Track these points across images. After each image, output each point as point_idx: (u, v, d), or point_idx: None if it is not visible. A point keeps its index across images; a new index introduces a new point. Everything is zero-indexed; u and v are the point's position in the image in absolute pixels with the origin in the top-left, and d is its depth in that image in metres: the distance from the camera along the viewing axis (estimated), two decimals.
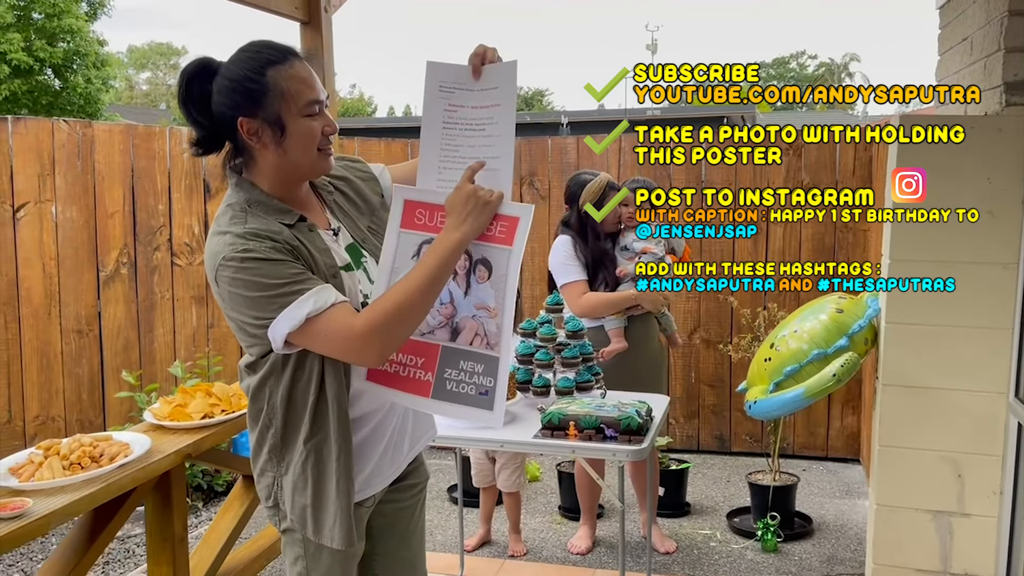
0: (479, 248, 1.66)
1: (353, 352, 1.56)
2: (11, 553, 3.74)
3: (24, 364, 4.23)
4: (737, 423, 4.99)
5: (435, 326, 1.68)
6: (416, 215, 1.67)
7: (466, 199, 1.60)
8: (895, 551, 3.10)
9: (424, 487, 1.98)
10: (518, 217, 1.64)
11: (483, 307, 1.67)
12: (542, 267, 5.15)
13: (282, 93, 1.57)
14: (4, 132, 4.12)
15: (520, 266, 1.65)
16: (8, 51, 14.51)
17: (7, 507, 2.00)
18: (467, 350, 1.66)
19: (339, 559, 1.74)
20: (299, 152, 1.61)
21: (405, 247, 1.67)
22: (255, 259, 1.53)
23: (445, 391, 1.66)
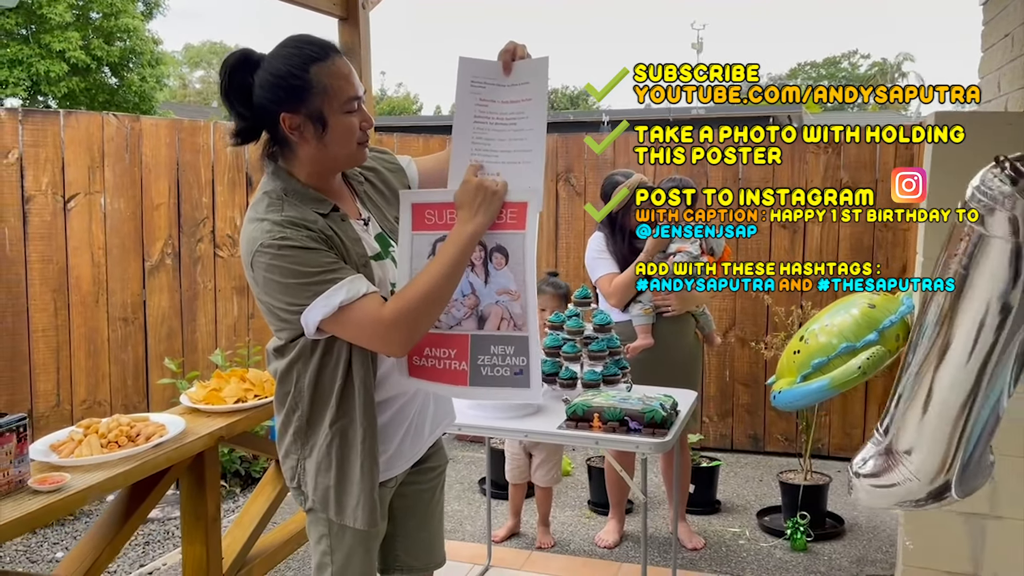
0: (492, 237, 1.70)
1: (380, 340, 1.63)
2: (55, 531, 3.89)
3: (72, 350, 4.38)
4: (771, 422, 4.96)
5: (461, 318, 1.73)
6: (426, 216, 1.73)
7: (475, 192, 1.65)
8: (926, 553, 3.06)
9: (443, 470, 2.03)
10: (526, 202, 1.69)
11: (505, 291, 1.72)
12: (577, 263, 5.18)
13: (325, 90, 1.62)
14: (56, 125, 4.27)
15: (536, 247, 1.70)
16: (67, 49, 14.93)
17: (47, 481, 2.09)
18: (496, 335, 1.72)
19: (361, 538, 1.79)
20: (339, 146, 1.68)
21: (420, 248, 1.73)
22: (292, 247, 1.58)
23: (481, 376, 1.72)
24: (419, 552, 2.00)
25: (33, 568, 3.56)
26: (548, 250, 5.27)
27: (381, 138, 5.28)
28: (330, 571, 1.80)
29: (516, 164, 1.71)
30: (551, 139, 5.24)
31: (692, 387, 3.48)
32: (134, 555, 3.69)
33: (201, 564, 2.72)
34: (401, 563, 2.00)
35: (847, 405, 4.84)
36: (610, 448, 3.11)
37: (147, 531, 3.92)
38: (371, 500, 1.72)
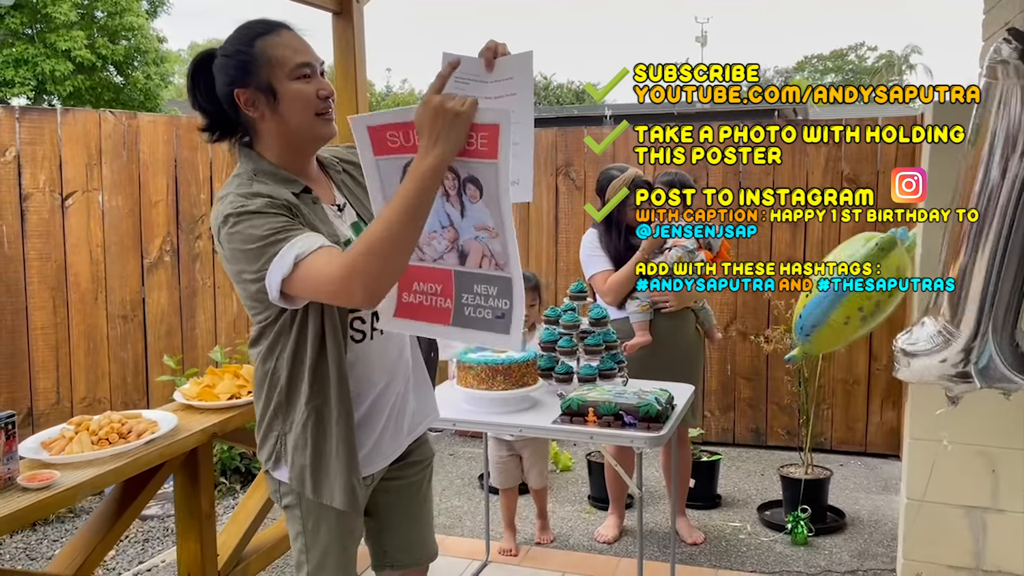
0: (465, 165, 1.56)
1: (340, 293, 1.52)
2: (55, 528, 3.89)
3: (72, 347, 4.39)
4: (773, 416, 4.93)
5: (443, 251, 1.65)
6: (388, 138, 1.60)
7: (434, 115, 1.47)
8: (927, 547, 3.04)
9: (428, 464, 2.01)
10: (498, 124, 1.52)
11: (483, 228, 1.61)
12: (578, 257, 5.17)
13: (269, 60, 1.62)
14: (53, 123, 4.27)
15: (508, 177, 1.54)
16: (72, 48, 14.96)
17: (36, 478, 2.08)
18: (478, 272, 1.64)
19: (337, 536, 1.78)
20: (295, 116, 1.64)
21: (389, 175, 1.61)
22: (249, 212, 1.56)
23: (464, 316, 1.65)
24: (409, 547, 1.99)
25: (33, 565, 3.56)
26: (548, 244, 5.25)
27: None
28: (306, 570, 1.80)
29: None
30: (551, 133, 5.22)
31: (693, 383, 3.45)
32: (133, 552, 3.69)
33: (196, 561, 2.71)
34: (392, 559, 1.99)
35: (849, 399, 4.81)
36: (606, 443, 3.09)
37: (146, 528, 3.92)
38: (349, 479, 1.70)
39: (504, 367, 2.71)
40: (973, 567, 3.00)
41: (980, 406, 2.89)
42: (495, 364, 2.71)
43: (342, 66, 3.47)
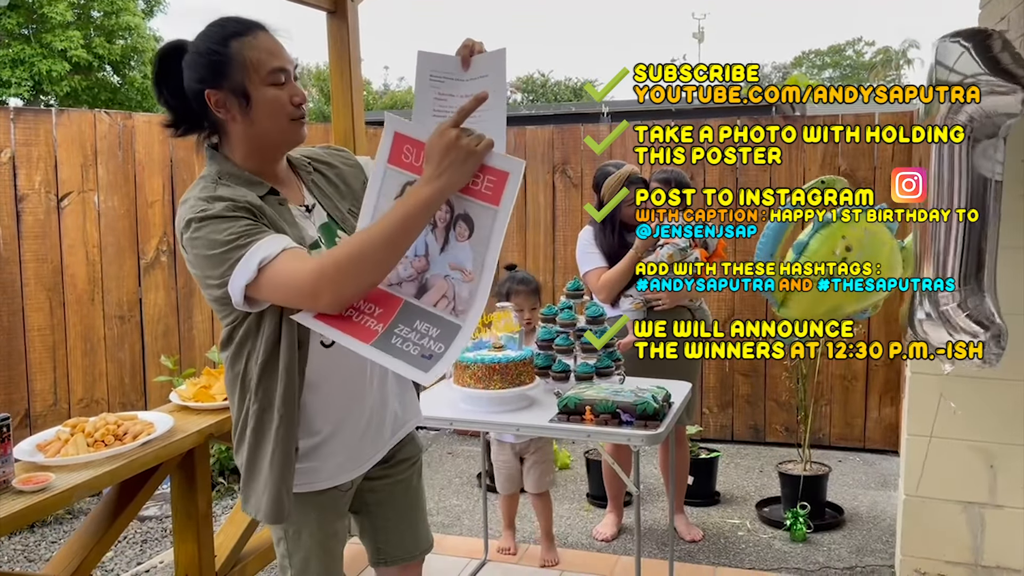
0: (462, 201, 1.55)
1: (304, 298, 1.49)
2: (53, 530, 3.89)
3: (69, 348, 4.38)
4: (771, 413, 4.93)
5: (404, 278, 1.60)
6: (404, 151, 1.59)
7: (447, 148, 1.47)
8: (925, 542, 3.04)
9: (416, 461, 1.99)
10: (507, 172, 1.52)
11: (458, 268, 1.57)
12: (574, 255, 5.16)
13: (244, 63, 1.58)
14: (48, 124, 4.25)
15: (505, 229, 1.53)
16: (68, 48, 14.93)
17: (31, 481, 2.08)
18: (429, 311, 1.57)
19: (318, 540, 1.77)
20: (267, 122, 1.61)
21: (390, 185, 1.59)
22: (211, 216, 1.52)
23: (388, 344, 1.53)
24: (403, 542, 1.98)
25: (31, 567, 3.56)
26: (546, 242, 5.25)
27: (376, 132, 5.25)
28: (290, 574, 1.78)
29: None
30: (548, 131, 5.21)
31: (690, 381, 3.43)
32: (131, 553, 3.69)
33: (194, 561, 2.71)
34: (386, 555, 1.98)
35: (848, 396, 4.81)
36: (604, 441, 3.08)
37: (144, 529, 3.92)
38: (278, 492, 1.64)
39: (501, 366, 2.71)
40: (971, 563, 3.00)
41: (978, 402, 2.90)
42: (492, 363, 2.70)
43: (337, 65, 3.46)
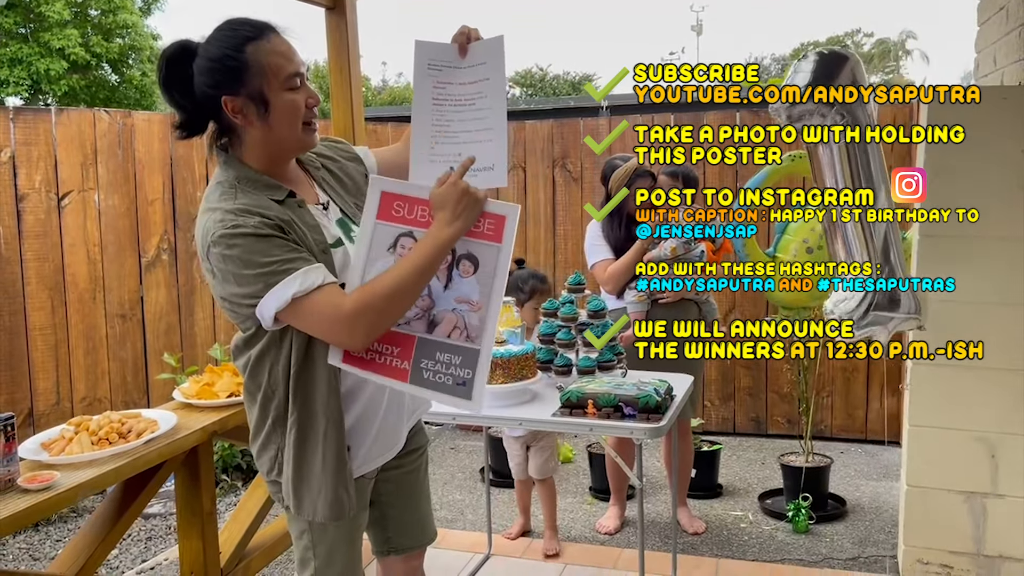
0: (464, 243, 1.67)
1: (340, 332, 1.58)
2: (58, 528, 3.90)
3: (71, 347, 4.38)
4: (773, 405, 4.94)
5: (411, 318, 1.68)
6: (394, 207, 1.67)
7: (460, 196, 1.60)
8: (928, 533, 3.05)
9: (424, 451, 2.02)
10: (505, 215, 1.66)
11: (465, 301, 1.67)
12: (575, 249, 5.16)
13: (262, 69, 1.58)
14: (48, 123, 4.25)
15: (509, 264, 1.67)
16: (66, 47, 14.93)
17: (36, 479, 2.09)
18: (444, 342, 1.67)
19: (345, 531, 1.78)
20: (285, 127, 1.62)
21: (381, 238, 1.66)
22: (244, 235, 1.53)
23: (422, 378, 1.66)
24: (410, 531, 2.02)
25: (36, 565, 3.57)
26: (546, 236, 5.25)
27: (376, 128, 5.26)
28: (313, 566, 1.79)
29: (478, 143, 1.69)
30: (547, 125, 5.21)
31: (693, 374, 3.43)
32: (136, 551, 3.70)
33: (198, 558, 2.72)
34: (394, 544, 2.01)
35: (849, 387, 4.81)
36: (606, 435, 3.09)
37: (149, 527, 3.93)
38: (334, 493, 1.69)
39: (503, 360, 2.71)
40: (974, 552, 3.00)
41: (980, 392, 2.90)
42: (494, 358, 2.70)
43: (336, 61, 3.45)
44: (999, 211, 2.79)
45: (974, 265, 2.84)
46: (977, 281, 2.83)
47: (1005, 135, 2.77)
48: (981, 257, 2.84)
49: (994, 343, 2.86)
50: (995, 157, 2.78)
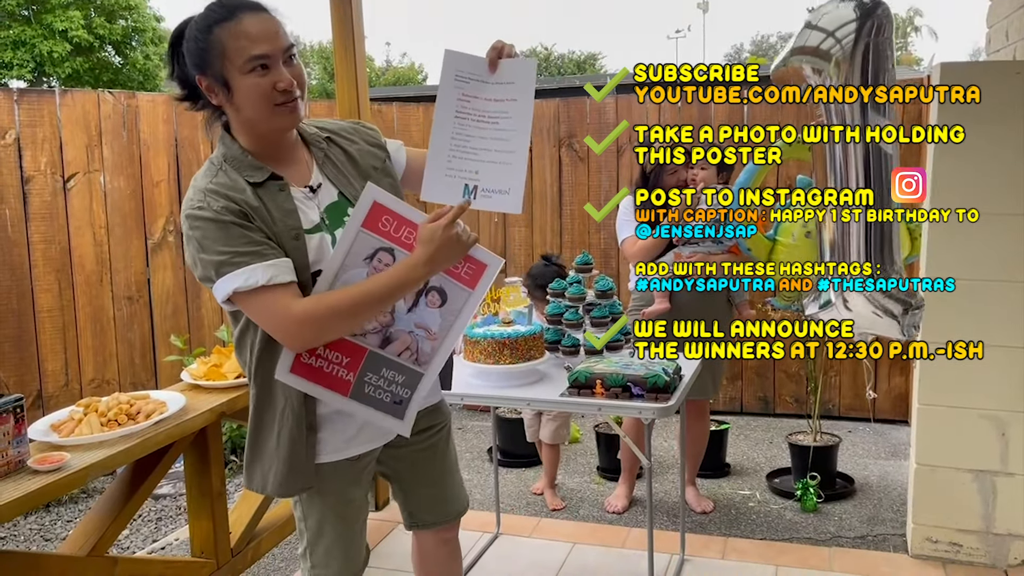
0: (440, 278, 1.69)
1: (284, 334, 1.59)
2: (68, 509, 3.92)
3: (79, 329, 4.39)
4: (780, 384, 4.93)
5: (368, 330, 1.68)
6: (382, 221, 1.65)
7: (447, 241, 1.60)
8: (936, 511, 3.05)
9: (441, 429, 2.01)
10: (486, 265, 1.70)
11: (424, 327, 1.71)
12: (581, 229, 5.15)
13: (223, 51, 1.56)
14: (52, 104, 4.24)
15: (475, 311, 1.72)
16: (69, 29, 14.86)
17: (47, 460, 2.09)
18: (392, 359, 1.70)
19: (331, 504, 1.81)
20: (250, 109, 1.60)
21: (360, 247, 1.64)
22: (206, 219, 1.57)
23: (363, 393, 1.69)
24: (434, 507, 2.03)
25: (47, 546, 3.59)
26: (552, 217, 5.22)
27: (380, 108, 5.23)
28: (306, 538, 1.84)
29: (495, 164, 1.67)
30: (553, 104, 5.17)
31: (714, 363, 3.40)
32: (147, 531, 3.72)
33: (209, 538, 2.73)
34: (417, 519, 2.04)
35: (857, 366, 4.79)
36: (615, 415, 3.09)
37: (159, 507, 3.95)
38: (286, 471, 1.70)
39: (511, 340, 2.70)
40: (983, 530, 3.00)
41: (989, 370, 2.89)
42: (502, 338, 2.70)
43: (340, 41, 3.43)
44: (1011, 186, 2.77)
45: (980, 241, 2.82)
46: (983, 258, 2.81)
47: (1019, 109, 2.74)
48: (988, 234, 2.81)
49: (1003, 321, 2.85)
50: (1008, 132, 2.76)
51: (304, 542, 1.85)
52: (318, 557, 1.84)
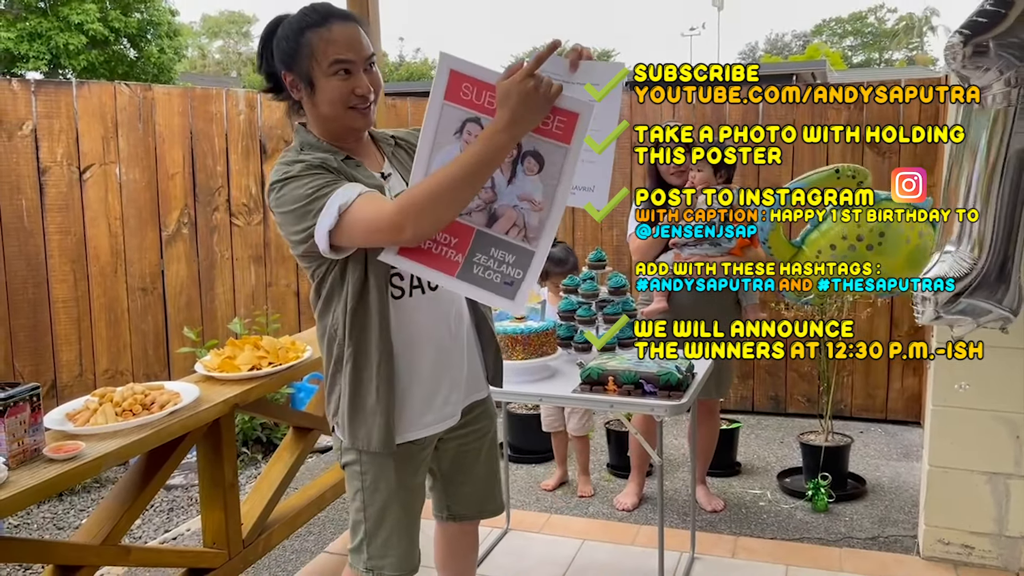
0: (532, 140, 1.60)
1: (387, 233, 1.60)
2: (81, 498, 3.95)
3: (93, 320, 4.42)
4: (792, 384, 4.91)
5: (473, 208, 1.65)
6: (463, 89, 1.60)
7: (525, 97, 1.52)
8: (949, 513, 3.04)
9: (485, 433, 2.07)
10: (577, 113, 1.58)
11: (527, 199, 1.64)
12: (594, 227, 5.14)
13: (311, 53, 1.70)
14: (69, 96, 4.26)
15: (576, 165, 1.60)
16: (84, 22, 14.92)
17: (62, 449, 2.10)
18: (501, 238, 1.65)
19: (396, 492, 1.86)
20: (327, 107, 1.73)
21: (448, 121, 1.61)
22: (291, 177, 1.68)
23: (471, 274, 1.66)
24: (467, 502, 2.11)
25: (60, 535, 3.62)
26: (565, 213, 5.21)
27: (395, 103, 5.24)
28: (364, 528, 1.88)
29: (580, 162, 1.67)
30: None
31: (726, 363, 3.39)
32: (159, 521, 3.75)
33: (221, 529, 2.74)
34: (453, 512, 2.12)
35: (869, 366, 4.78)
36: (627, 412, 3.09)
37: (171, 498, 3.97)
38: (386, 423, 1.77)
39: (523, 336, 2.71)
40: (996, 533, 2.99)
41: (1004, 372, 2.87)
42: (514, 334, 2.70)
43: None
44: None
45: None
46: None
47: None
48: None
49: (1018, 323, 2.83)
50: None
51: (360, 534, 1.88)
52: (376, 548, 1.87)
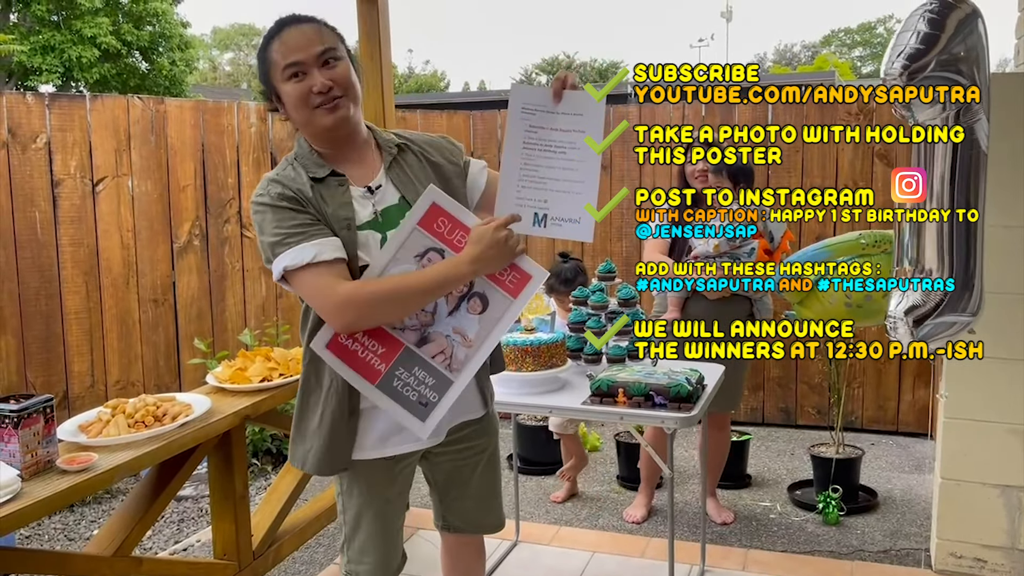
0: (484, 283, 1.73)
1: (326, 312, 1.67)
2: (92, 509, 3.96)
3: (105, 331, 4.44)
4: (803, 396, 4.90)
5: (408, 326, 1.73)
6: (438, 222, 1.72)
7: (495, 243, 1.66)
8: (961, 526, 3.02)
9: (483, 450, 2.03)
10: (531, 276, 1.74)
11: (461, 332, 1.74)
12: (603, 238, 5.15)
13: (271, 63, 1.71)
14: (83, 109, 4.30)
15: (513, 319, 1.74)
16: (97, 35, 15.05)
17: (75, 461, 2.12)
18: (427, 361, 1.73)
19: (367, 499, 1.86)
20: (295, 113, 1.73)
21: (413, 244, 1.71)
22: (264, 204, 1.70)
23: (390, 386, 1.72)
24: (463, 516, 2.09)
25: (71, 546, 3.63)
26: None
27: (405, 116, 5.26)
28: (344, 532, 1.91)
29: (565, 193, 1.72)
30: None
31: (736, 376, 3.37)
32: (169, 532, 3.76)
33: (231, 540, 2.75)
34: (448, 523, 2.10)
35: (880, 378, 4.76)
36: (637, 423, 3.08)
37: (181, 509, 3.98)
38: (325, 448, 1.76)
39: (533, 348, 2.71)
40: (1008, 546, 2.97)
41: (1017, 384, 2.86)
42: (524, 345, 2.71)
43: (367, 48, 3.46)
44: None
45: (1008, 254, 2.80)
46: (1009, 271, 2.78)
47: None
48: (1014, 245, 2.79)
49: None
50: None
51: (343, 536, 1.92)
52: (354, 552, 1.90)
